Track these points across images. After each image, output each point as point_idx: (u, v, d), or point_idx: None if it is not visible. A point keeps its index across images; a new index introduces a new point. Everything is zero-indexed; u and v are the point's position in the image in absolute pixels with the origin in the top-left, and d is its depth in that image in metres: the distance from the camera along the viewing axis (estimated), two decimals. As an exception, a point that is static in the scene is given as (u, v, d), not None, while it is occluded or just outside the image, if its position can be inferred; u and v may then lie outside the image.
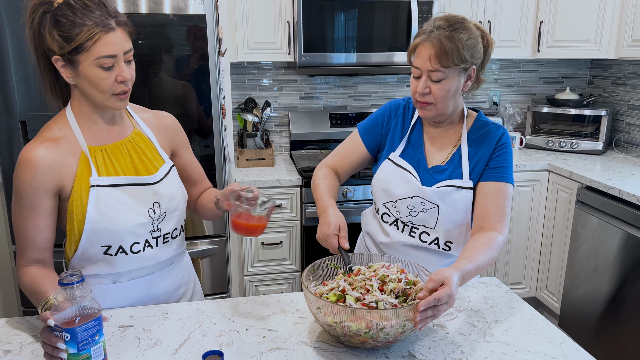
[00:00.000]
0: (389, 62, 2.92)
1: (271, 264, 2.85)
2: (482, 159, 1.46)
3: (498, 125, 1.50)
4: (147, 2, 2.24)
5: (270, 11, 2.83)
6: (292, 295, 1.42)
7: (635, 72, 3.22)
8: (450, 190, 1.44)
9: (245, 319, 1.29)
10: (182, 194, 1.43)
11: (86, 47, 1.15)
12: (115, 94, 1.22)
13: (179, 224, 1.42)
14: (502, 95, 3.62)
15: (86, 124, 1.29)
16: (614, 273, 2.51)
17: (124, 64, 1.21)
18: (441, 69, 1.34)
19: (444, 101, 1.40)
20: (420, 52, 1.36)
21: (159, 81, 2.33)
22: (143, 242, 1.33)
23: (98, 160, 1.28)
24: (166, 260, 1.41)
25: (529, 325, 1.27)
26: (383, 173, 1.53)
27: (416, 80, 1.40)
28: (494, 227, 1.39)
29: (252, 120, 3.02)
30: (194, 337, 1.21)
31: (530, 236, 3.09)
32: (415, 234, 1.50)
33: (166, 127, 1.45)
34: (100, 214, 1.25)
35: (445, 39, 1.33)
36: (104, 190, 1.26)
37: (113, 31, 1.17)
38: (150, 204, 1.32)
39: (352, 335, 1.08)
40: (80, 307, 1.01)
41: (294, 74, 3.30)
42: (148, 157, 1.36)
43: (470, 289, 1.47)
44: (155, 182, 1.33)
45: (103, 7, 1.18)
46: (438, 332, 1.23)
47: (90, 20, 1.15)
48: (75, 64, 1.18)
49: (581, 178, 2.71)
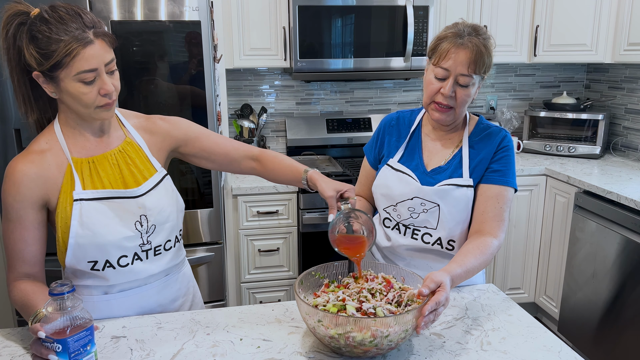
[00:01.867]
0: (385, 68, 2.92)
1: (268, 271, 2.83)
2: (484, 161, 1.46)
3: (500, 128, 1.50)
4: (143, 8, 2.23)
5: (266, 17, 2.83)
6: (288, 304, 1.40)
7: (632, 76, 3.22)
8: (450, 189, 1.44)
9: (240, 328, 1.28)
10: (176, 204, 1.38)
11: (65, 63, 1.11)
12: (99, 106, 1.19)
13: (172, 235, 1.37)
14: (499, 100, 3.62)
15: (73, 135, 1.27)
16: (613, 278, 2.49)
17: (105, 76, 1.17)
18: (473, 74, 1.36)
19: (463, 106, 1.42)
20: (454, 55, 1.35)
21: (155, 88, 2.32)
22: (132, 256, 1.29)
23: (84, 173, 1.25)
24: (160, 273, 1.37)
25: (526, 334, 1.26)
26: (382, 178, 1.53)
27: (439, 81, 1.39)
28: (490, 231, 1.40)
29: (248, 126, 3.01)
30: (188, 347, 1.19)
31: (529, 241, 3.08)
32: (417, 236, 1.49)
33: (158, 128, 1.39)
34: (84, 228, 1.22)
35: (483, 46, 1.36)
36: (87, 203, 1.23)
37: (91, 44, 1.12)
38: (137, 217, 1.28)
39: (355, 345, 1.07)
40: (71, 318, 1.00)
41: (290, 80, 3.30)
42: (138, 167, 1.32)
43: (467, 295, 1.45)
44: (141, 195, 1.29)
45: (79, 18, 1.13)
46: (435, 341, 1.22)
47: (66, 34, 1.10)
48: (56, 80, 1.14)
49: (579, 182, 2.70)
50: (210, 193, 2.47)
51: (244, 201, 2.71)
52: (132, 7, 2.22)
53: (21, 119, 1.30)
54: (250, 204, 2.72)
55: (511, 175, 1.45)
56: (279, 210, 2.75)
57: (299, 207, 2.76)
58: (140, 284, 1.35)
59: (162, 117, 1.43)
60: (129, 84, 2.30)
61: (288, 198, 2.75)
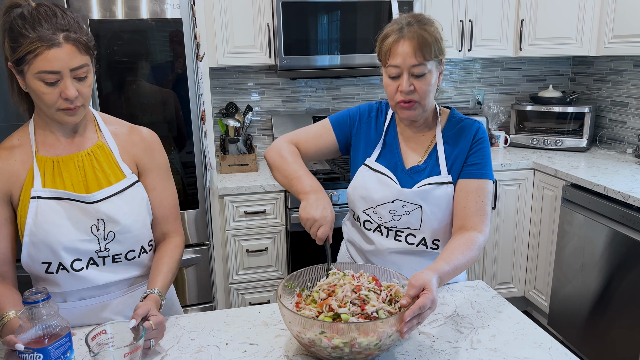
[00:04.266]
0: (372, 64, 2.89)
1: (257, 272, 2.80)
2: (460, 155, 1.43)
3: (473, 120, 1.47)
4: (123, 7, 2.19)
5: (249, 14, 2.79)
6: (274, 306, 1.37)
7: (617, 69, 3.23)
8: (431, 188, 1.41)
9: (226, 332, 1.25)
10: (144, 214, 1.33)
11: (27, 60, 1.12)
12: (60, 109, 1.18)
13: (136, 246, 1.32)
14: (485, 95, 3.62)
15: (44, 133, 1.27)
16: (601, 270, 2.50)
17: (70, 80, 1.15)
18: (424, 62, 1.32)
19: (427, 97, 1.37)
20: (399, 49, 1.32)
21: (136, 87, 2.28)
22: (86, 260, 1.26)
23: (46, 172, 1.25)
24: (121, 282, 1.33)
25: (516, 330, 1.24)
26: (360, 179, 1.48)
27: (395, 80, 1.36)
28: (474, 227, 1.37)
29: (233, 125, 2.97)
30: (172, 354, 1.16)
31: (517, 235, 3.08)
32: (400, 238, 1.46)
33: (135, 142, 1.35)
34: (38, 226, 1.21)
35: (424, 31, 1.31)
36: (44, 202, 1.22)
37: (57, 47, 1.11)
38: (94, 220, 1.25)
39: (360, 351, 1.03)
40: (48, 326, 0.98)
41: (275, 77, 3.26)
42: (105, 172, 1.29)
43: (456, 293, 1.43)
44: (97, 201, 1.25)
45: (54, 19, 1.12)
46: (424, 340, 1.20)
47: (35, 33, 1.10)
48: (22, 75, 1.15)
49: (566, 176, 2.70)
50: (196, 194, 2.43)
51: (230, 201, 2.67)
52: (112, 5, 2.17)
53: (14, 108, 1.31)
54: (237, 204, 2.69)
55: (489, 168, 1.43)
56: (267, 209, 2.72)
57: (286, 206, 2.73)
58: (101, 293, 1.31)
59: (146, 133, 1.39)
60: (110, 84, 2.25)
61: (275, 197, 2.72)
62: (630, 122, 3.15)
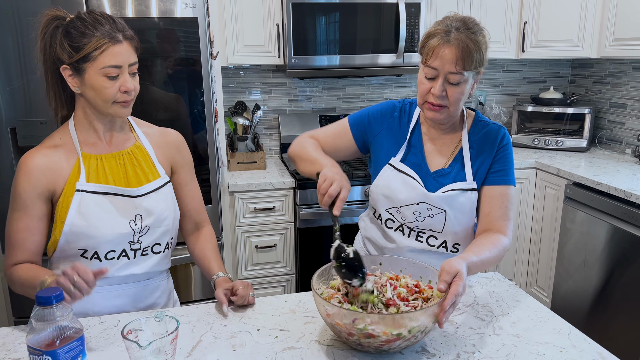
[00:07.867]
0: (379, 64, 2.95)
1: (265, 267, 2.84)
2: (486, 161, 1.46)
3: (498, 125, 1.49)
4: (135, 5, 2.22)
5: (260, 14, 2.83)
6: (300, 295, 1.42)
7: (616, 71, 3.31)
8: (456, 194, 1.44)
9: (255, 320, 1.29)
10: (174, 212, 1.42)
11: (93, 56, 1.22)
12: (117, 102, 1.28)
13: (163, 240, 1.41)
14: (487, 95, 3.68)
15: (87, 133, 1.34)
16: (603, 265, 2.56)
17: (128, 75, 1.27)
18: (462, 72, 1.31)
19: (457, 104, 1.37)
20: (441, 53, 1.30)
21: (151, 85, 2.31)
22: (119, 252, 1.33)
23: (91, 167, 1.32)
24: (141, 274, 1.39)
25: (535, 318, 1.29)
26: (384, 179, 1.49)
27: (429, 81, 1.35)
28: (499, 230, 1.42)
29: (242, 124, 3.01)
30: (206, 339, 1.20)
31: (520, 233, 3.15)
32: (422, 239, 1.49)
33: (168, 143, 1.46)
34: (81, 218, 1.28)
35: (471, 41, 1.30)
36: (88, 196, 1.29)
37: (120, 43, 1.24)
38: (133, 215, 1.33)
39: (409, 337, 1.05)
40: (60, 327, 0.96)
41: (282, 77, 3.31)
42: (143, 170, 1.38)
43: (474, 284, 1.49)
44: (139, 196, 1.34)
45: (112, 22, 1.25)
46: (448, 326, 1.25)
47: (99, 32, 1.22)
48: (81, 72, 1.24)
49: (569, 175, 2.77)
50: (209, 190, 2.47)
51: (240, 198, 2.71)
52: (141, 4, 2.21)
53: (36, 112, 1.37)
54: (247, 201, 2.73)
55: (511, 174, 1.46)
56: (276, 206, 2.76)
57: (295, 203, 2.77)
58: (119, 282, 1.37)
59: (175, 133, 1.50)
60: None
61: (285, 194, 2.76)
62: (629, 123, 3.23)
